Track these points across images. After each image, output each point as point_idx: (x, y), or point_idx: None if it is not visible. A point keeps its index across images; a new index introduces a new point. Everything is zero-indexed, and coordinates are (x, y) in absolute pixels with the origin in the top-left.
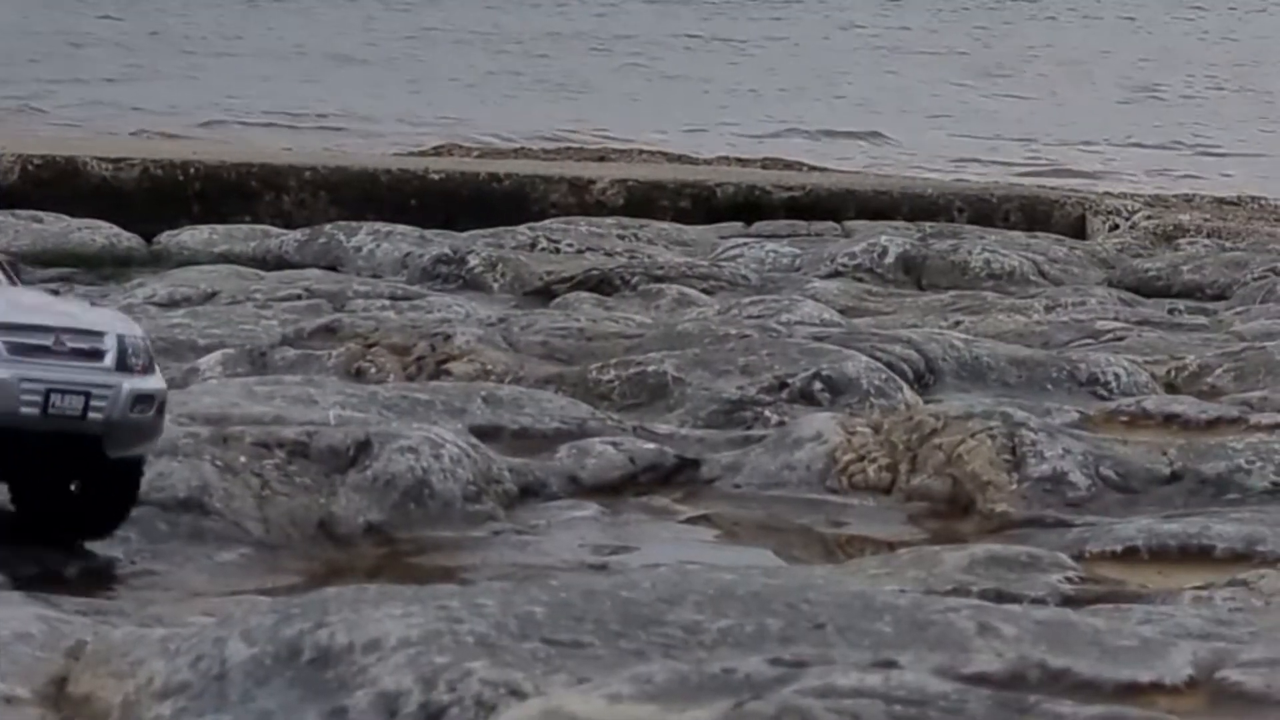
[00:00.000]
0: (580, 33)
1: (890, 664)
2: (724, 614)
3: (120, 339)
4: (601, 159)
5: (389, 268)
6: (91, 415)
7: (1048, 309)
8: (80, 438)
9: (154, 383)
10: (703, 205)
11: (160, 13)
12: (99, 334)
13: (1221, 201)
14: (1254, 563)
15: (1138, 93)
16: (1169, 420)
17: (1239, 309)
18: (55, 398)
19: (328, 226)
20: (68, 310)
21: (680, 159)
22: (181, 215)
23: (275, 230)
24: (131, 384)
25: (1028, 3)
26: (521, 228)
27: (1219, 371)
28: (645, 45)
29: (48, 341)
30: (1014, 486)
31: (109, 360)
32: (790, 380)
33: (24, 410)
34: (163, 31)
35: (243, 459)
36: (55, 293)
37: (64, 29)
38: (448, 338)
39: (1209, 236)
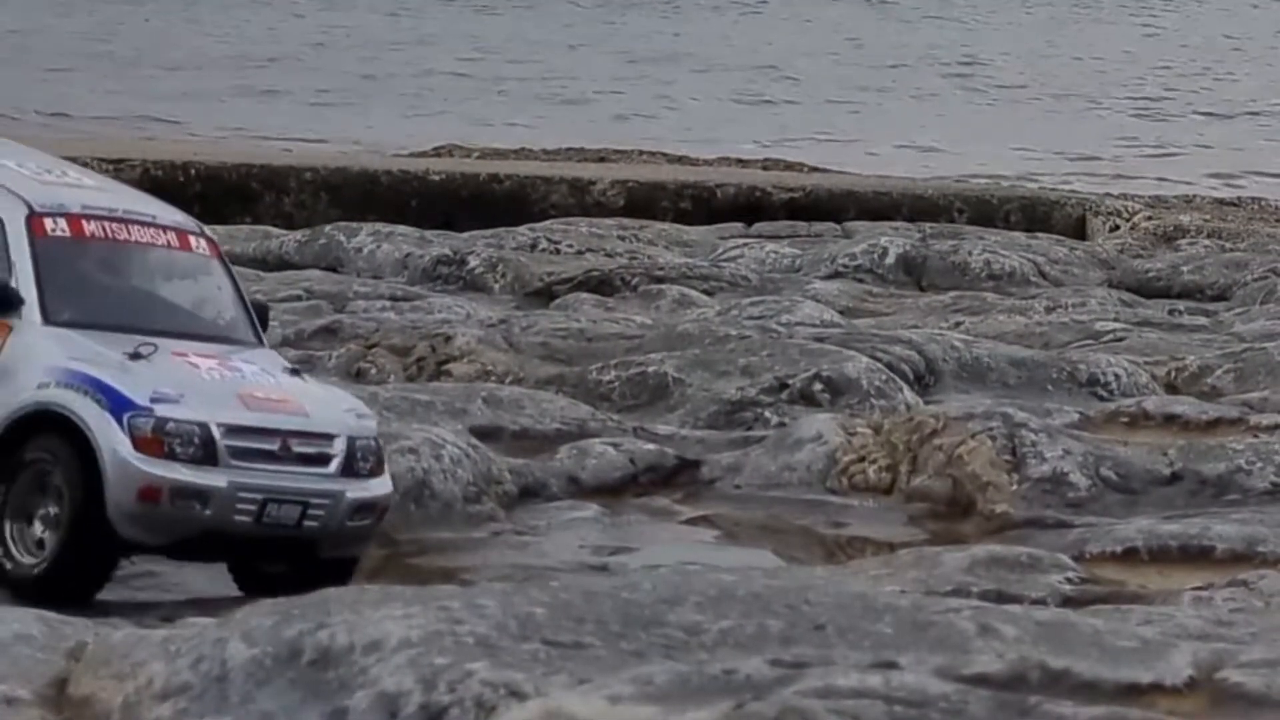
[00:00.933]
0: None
1: (891, 665)
2: (725, 615)
3: (350, 442)
4: (601, 160)
5: (389, 269)
6: (307, 524)
7: (1048, 310)
8: (292, 542)
9: (378, 488)
10: (703, 206)
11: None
12: (329, 437)
13: (1222, 202)
14: (1254, 563)
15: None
16: (1169, 421)
17: (1239, 310)
18: (271, 508)
19: (328, 227)
20: (301, 407)
21: (680, 160)
22: None
23: (276, 231)
24: (354, 493)
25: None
26: (522, 228)
27: (1219, 372)
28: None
29: (273, 446)
30: (1014, 487)
31: (334, 466)
32: (791, 381)
33: (237, 519)
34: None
35: None
36: (294, 371)
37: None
38: (448, 339)
39: (1209, 237)
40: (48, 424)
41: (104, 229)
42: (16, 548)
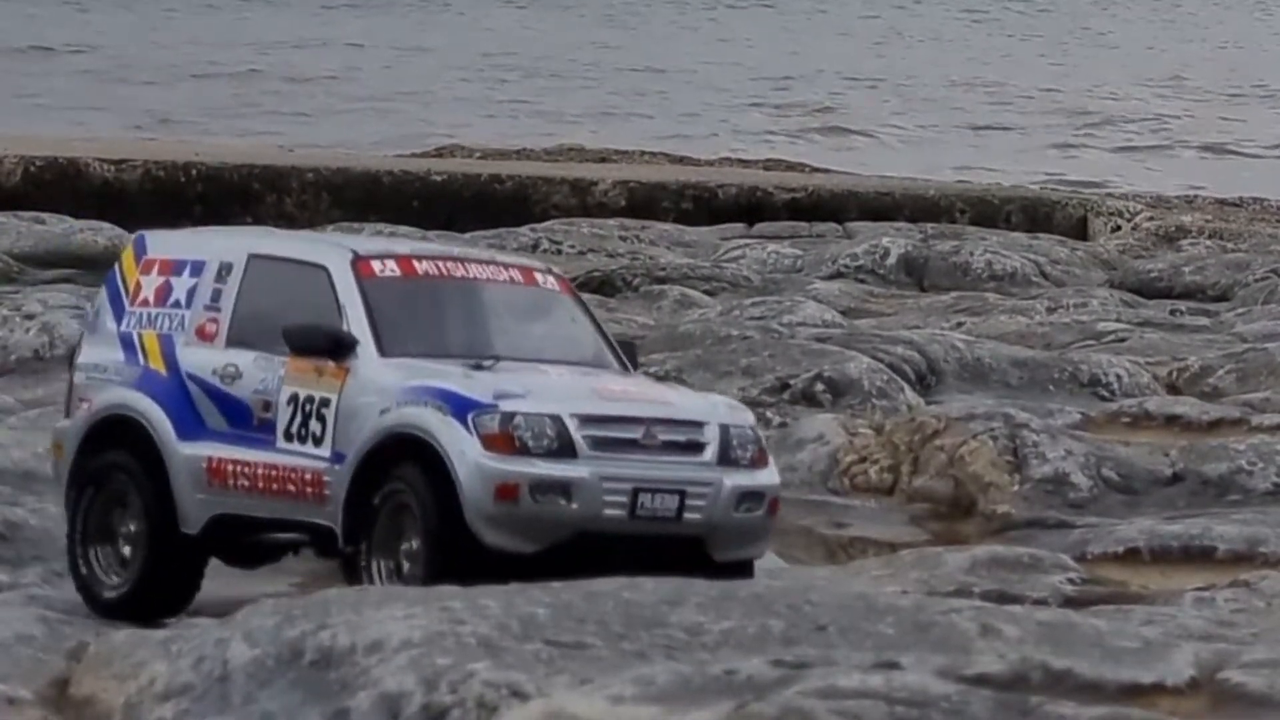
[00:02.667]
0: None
1: (892, 665)
2: (726, 615)
3: (724, 429)
4: (603, 160)
5: None
6: (688, 516)
7: (1049, 310)
8: (676, 540)
9: (764, 478)
10: (704, 206)
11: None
12: (697, 424)
13: (1223, 203)
14: (1256, 564)
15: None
16: (1171, 421)
17: (1241, 310)
18: (644, 498)
19: (330, 228)
20: (664, 398)
21: (682, 160)
22: (184, 216)
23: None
24: (735, 480)
25: None
26: (524, 229)
27: (1221, 373)
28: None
29: (636, 435)
30: (1016, 488)
31: (709, 454)
32: (792, 381)
33: (608, 512)
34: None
35: None
36: (660, 378)
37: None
38: None
39: (1210, 238)
40: (397, 447)
41: (437, 267)
42: (379, 579)
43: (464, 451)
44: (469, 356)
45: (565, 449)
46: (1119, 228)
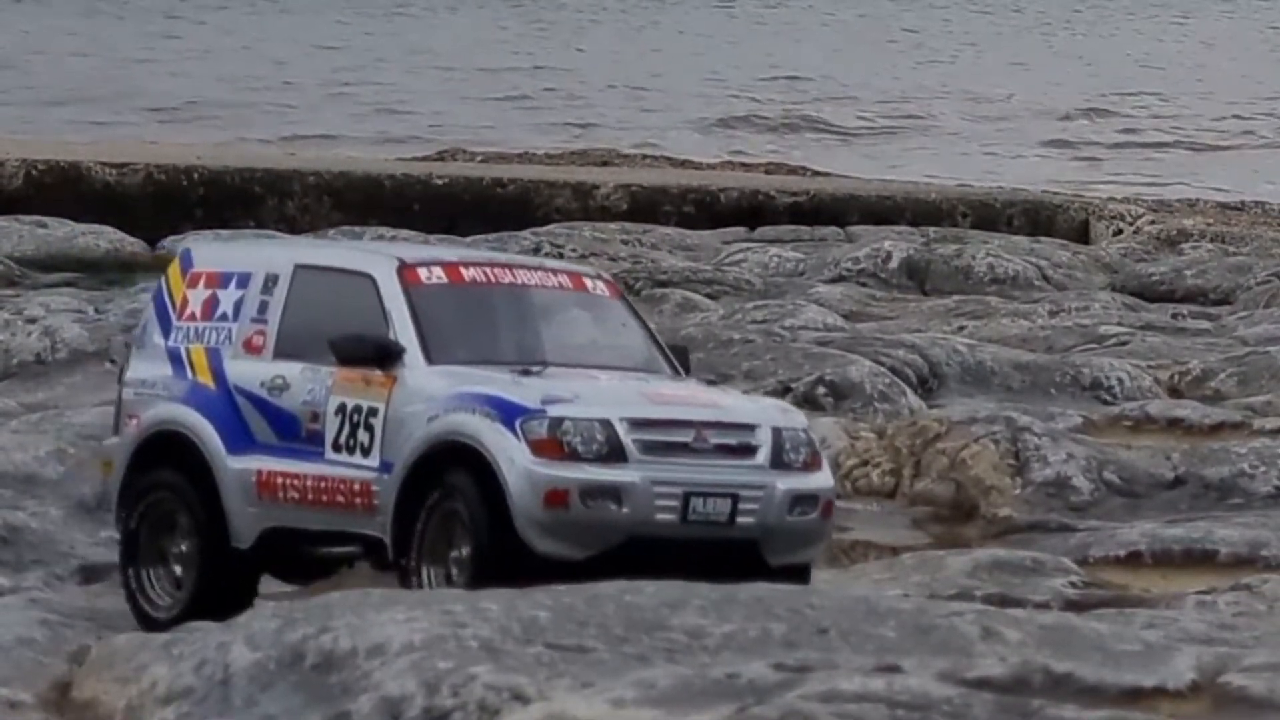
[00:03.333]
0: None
1: (894, 668)
2: (727, 619)
3: (776, 432)
4: (605, 164)
5: None
6: (741, 520)
7: (1051, 314)
8: (729, 545)
9: (817, 481)
10: (706, 210)
11: None
12: (749, 427)
13: (1225, 206)
14: (1257, 567)
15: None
16: (1172, 425)
17: (1242, 314)
18: (695, 501)
19: (331, 231)
20: (714, 401)
21: (683, 164)
22: (185, 220)
23: (279, 235)
24: (788, 483)
25: None
26: (525, 232)
27: (1222, 376)
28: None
29: (686, 438)
30: (1017, 491)
31: (761, 457)
32: (794, 385)
33: (660, 517)
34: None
35: None
36: (711, 382)
37: None
38: None
39: (1212, 241)
40: (445, 455)
41: (485, 274)
42: (430, 588)
43: (513, 458)
44: (517, 363)
45: (615, 453)
46: (1120, 231)
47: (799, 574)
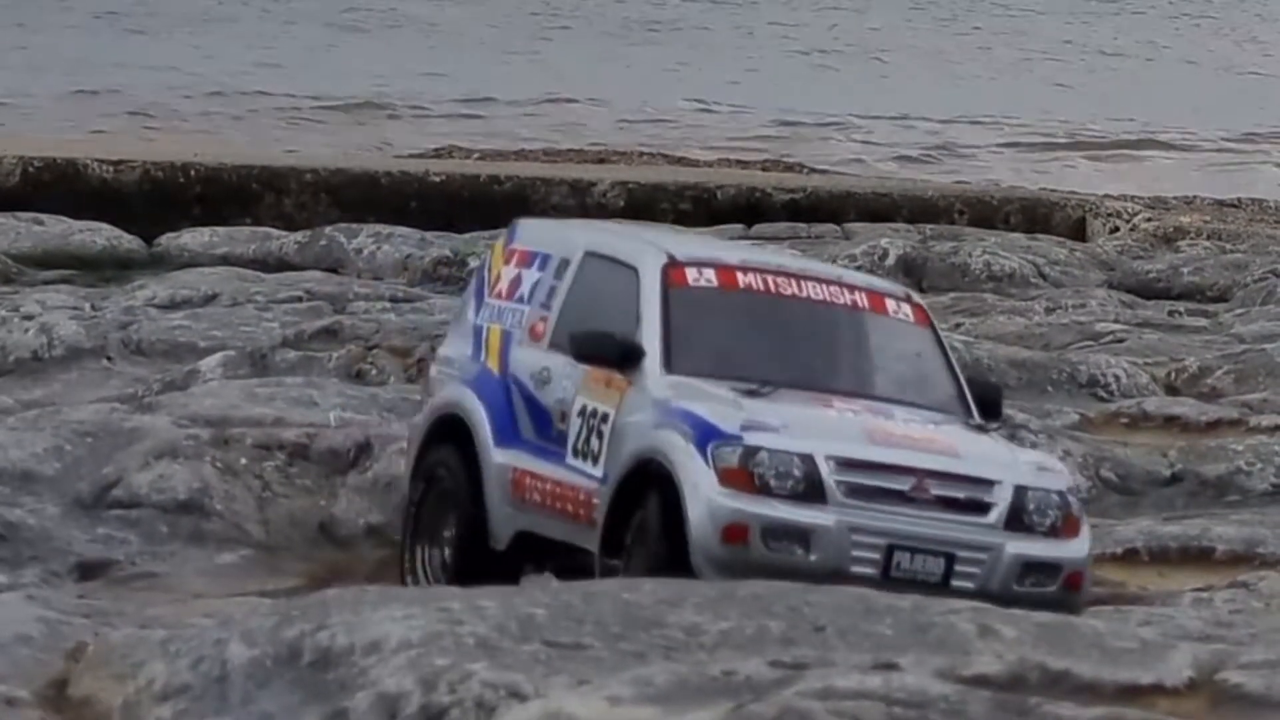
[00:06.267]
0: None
1: (891, 666)
2: (724, 616)
3: (1020, 490)
4: (601, 161)
5: (389, 270)
6: (956, 583)
7: (1048, 311)
8: None
9: (1063, 549)
10: (703, 207)
11: None
12: (984, 482)
13: (1222, 204)
14: (1254, 565)
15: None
16: (1169, 422)
17: (1239, 311)
18: (901, 556)
19: (328, 229)
20: (952, 448)
21: (680, 161)
22: (182, 217)
23: (276, 232)
24: (1021, 547)
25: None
26: None
27: (1219, 373)
28: None
29: (903, 485)
30: None
31: (994, 516)
32: None
33: (856, 569)
34: None
35: (243, 461)
36: (983, 429)
37: None
38: None
39: (1209, 238)
40: (645, 473)
41: (764, 282)
42: None
43: (698, 484)
44: (763, 383)
45: (812, 492)
46: (1117, 229)
47: None
